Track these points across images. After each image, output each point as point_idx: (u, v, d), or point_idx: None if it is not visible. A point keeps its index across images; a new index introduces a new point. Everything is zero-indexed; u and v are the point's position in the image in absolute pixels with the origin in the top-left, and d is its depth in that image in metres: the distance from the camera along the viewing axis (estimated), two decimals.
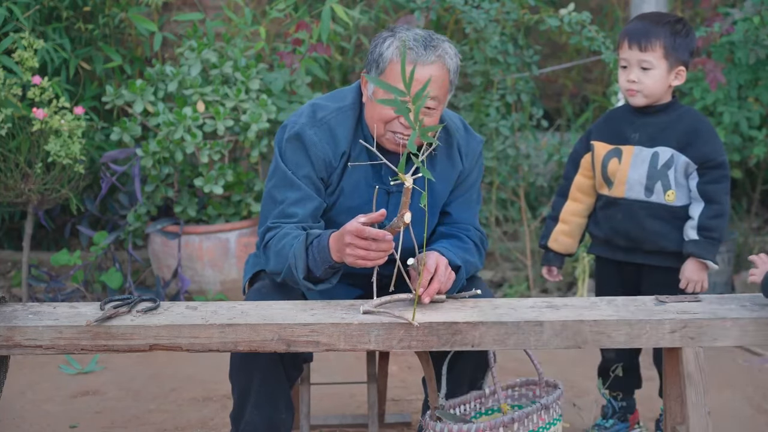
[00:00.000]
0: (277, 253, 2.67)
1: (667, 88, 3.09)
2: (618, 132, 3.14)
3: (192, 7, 5.35)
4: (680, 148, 3.06)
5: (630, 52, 3.05)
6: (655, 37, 3.02)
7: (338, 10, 4.56)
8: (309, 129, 2.73)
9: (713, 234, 3.05)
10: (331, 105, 2.79)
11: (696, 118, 3.12)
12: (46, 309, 2.57)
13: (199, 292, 4.66)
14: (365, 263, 2.52)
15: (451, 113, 2.90)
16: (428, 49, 2.64)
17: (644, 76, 3.05)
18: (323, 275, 2.63)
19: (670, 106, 3.12)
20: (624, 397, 3.27)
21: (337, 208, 2.79)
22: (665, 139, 3.07)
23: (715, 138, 3.10)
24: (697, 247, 3.05)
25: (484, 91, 4.94)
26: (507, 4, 4.72)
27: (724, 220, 3.07)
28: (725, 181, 3.06)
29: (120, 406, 3.69)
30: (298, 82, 4.72)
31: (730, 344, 2.49)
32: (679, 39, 3.04)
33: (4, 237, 5.33)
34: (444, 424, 2.66)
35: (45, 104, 4.37)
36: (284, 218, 2.72)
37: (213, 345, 2.46)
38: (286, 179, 2.73)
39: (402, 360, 4.08)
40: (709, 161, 3.05)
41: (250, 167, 4.84)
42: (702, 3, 5.10)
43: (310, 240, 2.61)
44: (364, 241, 2.49)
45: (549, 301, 2.60)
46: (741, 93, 4.78)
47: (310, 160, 2.73)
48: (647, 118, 3.11)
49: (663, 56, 3.03)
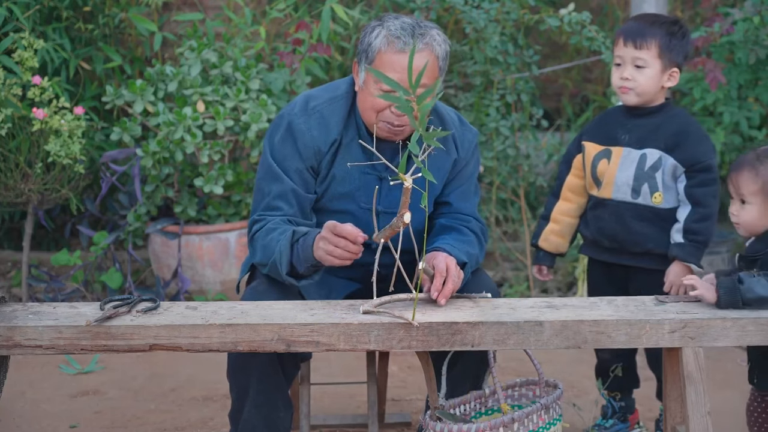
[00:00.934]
0: (264, 246, 2.70)
1: (659, 89, 3.06)
2: (609, 133, 3.13)
3: (192, 7, 5.35)
4: (668, 149, 3.03)
5: (625, 49, 3.03)
6: (651, 35, 3.01)
7: (338, 10, 4.56)
8: (298, 118, 2.77)
9: (698, 237, 3.01)
10: (324, 95, 2.83)
11: (686, 120, 3.09)
12: (46, 309, 2.57)
13: (199, 292, 4.66)
14: (332, 260, 2.55)
15: (446, 107, 2.92)
16: (415, 37, 2.67)
17: (638, 74, 3.02)
18: (305, 272, 2.66)
19: (662, 108, 3.09)
20: (622, 396, 3.27)
21: (329, 194, 2.81)
22: (654, 141, 3.05)
23: (704, 141, 3.06)
24: (681, 251, 3.01)
25: (484, 91, 4.94)
26: (507, 4, 4.72)
27: (710, 224, 3.02)
28: (713, 185, 3.02)
29: (120, 406, 3.69)
30: (298, 82, 4.72)
31: (730, 344, 2.49)
32: (675, 40, 3.02)
33: (4, 237, 5.33)
34: (444, 424, 2.66)
35: (45, 104, 4.37)
36: (269, 211, 2.76)
37: (213, 345, 2.46)
38: (271, 172, 2.77)
39: (402, 360, 4.08)
40: (696, 164, 3.01)
41: (250, 167, 4.84)
42: (702, 3, 5.10)
43: (296, 237, 2.64)
44: (336, 237, 2.52)
45: (549, 301, 2.60)
46: (741, 93, 4.78)
47: (298, 150, 2.76)
48: (638, 120, 3.08)
49: (657, 55, 3.01)
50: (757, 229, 2.65)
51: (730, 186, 2.69)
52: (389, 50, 2.67)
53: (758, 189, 2.62)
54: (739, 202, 2.66)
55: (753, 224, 2.65)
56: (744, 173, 2.64)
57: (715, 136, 4.68)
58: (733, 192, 2.68)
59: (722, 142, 4.69)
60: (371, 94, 2.69)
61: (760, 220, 2.63)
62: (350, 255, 2.54)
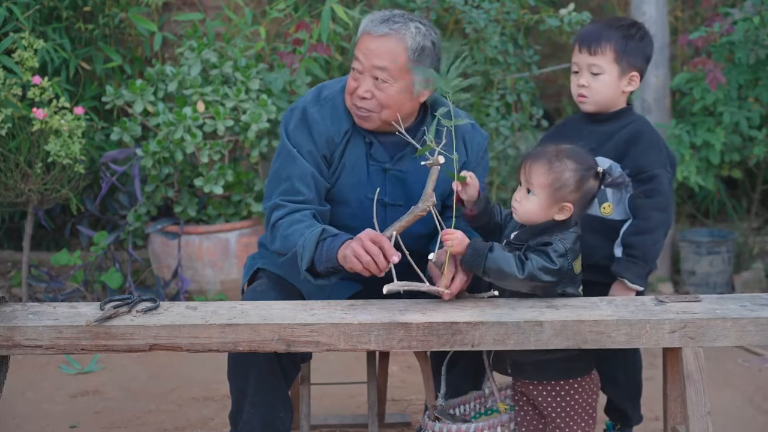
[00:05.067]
0: (285, 236, 2.70)
1: (619, 95, 2.90)
2: (566, 140, 2.89)
3: (192, 7, 5.35)
4: (618, 158, 2.85)
5: (580, 55, 2.89)
6: (606, 40, 2.85)
7: (338, 10, 4.56)
8: (312, 107, 2.81)
9: (634, 252, 2.80)
10: (336, 86, 2.88)
11: (641, 127, 2.90)
12: (46, 309, 2.57)
13: (199, 292, 4.66)
14: (355, 263, 2.54)
15: (459, 110, 2.95)
16: (384, 23, 2.75)
17: (594, 81, 2.87)
18: (323, 272, 2.66)
19: (620, 114, 2.92)
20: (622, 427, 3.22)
21: (339, 183, 2.83)
22: (605, 149, 2.86)
23: (654, 149, 2.85)
24: (618, 266, 2.82)
25: (484, 91, 4.94)
26: (507, 4, 4.72)
27: (649, 237, 2.80)
28: (657, 196, 2.80)
29: (120, 406, 3.69)
30: (298, 82, 4.72)
31: (730, 344, 2.49)
32: (632, 43, 2.86)
33: (4, 237, 5.33)
34: (442, 424, 2.66)
35: (45, 104, 4.37)
36: (290, 195, 2.75)
37: (213, 345, 2.46)
38: (290, 156, 2.78)
39: (402, 360, 4.08)
40: (640, 173, 2.80)
41: (250, 167, 4.84)
42: (702, 3, 5.10)
43: (325, 236, 2.64)
44: (371, 244, 2.53)
45: (549, 301, 2.60)
46: (741, 93, 4.78)
47: (312, 138, 2.79)
48: (594, 126, 2.92)
49: (613, 60, 2.85)
50: (533, 220, 2.61)
51: (522, 172, 2.62)
52: (363, 33, 2.78)
53: (547, 184, 2.57)
54: (525, 190, 2.61)
55: (531, 215, 2.61)
56: (539, 165, 2.59)
57: (715, 136, 4.68)
58: (522, 179, 2.62)
59: (722, 142, 4.70)
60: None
61: (539, 213, 2.59)
62: (374, 267, 2.53)
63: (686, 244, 4.94)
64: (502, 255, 2.52)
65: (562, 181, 2.57)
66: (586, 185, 2.59)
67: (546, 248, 2.54)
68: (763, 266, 4.97)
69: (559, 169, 2.57)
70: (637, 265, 2.80)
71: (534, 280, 2.52)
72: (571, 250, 2.56)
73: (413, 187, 2.79)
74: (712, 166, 4.80)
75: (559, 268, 2.53)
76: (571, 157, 2.60)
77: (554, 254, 2.53)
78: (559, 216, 2.59)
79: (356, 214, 2.82)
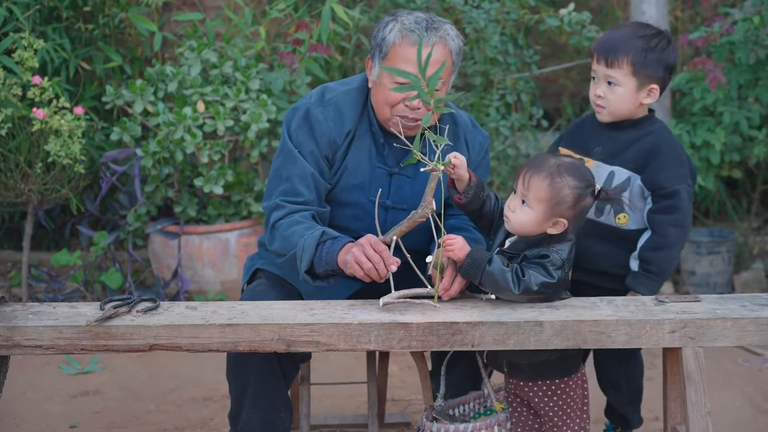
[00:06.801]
0: (285, 237, 2.70)
1: (637, 107, 2.82)
2: (583, 142, 2.91)
3: (192, 7, 5.35)
4: (637, 170, 2.79)
5: (598, 66, 2.81)
6: (624, 53, 2.76)
7: (338, 10, 4.56)
8: (315, 108, 2.80)
9: (651, 267, 2.76)
10: (339, 87, 2.86)
11: (661, 139, 2.82)
12: (46, 309, 2.57)
13: (199, 292, 4.66)
14: (355, 269, 2.55)
15: (460, 110, 2.95)
16: (430, 30, 2.69)
17: (610, 92, 2.80)
18: (322, 274, 2.66)
19: (641, 122, 2.84)
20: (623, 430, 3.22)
21: (341, 185, 2.82)
22: (624, 159, 2.81)
23: (674, 162, 2.79)
24: (633, 281, 2.79)
25: (484, 91, 4.94)
26: (507, 4, 4.72)
27: (666, 254, 2.77)
28: (675, 213, 2.76)
29: (120, 406, 3.69)
30: (298, 82, 4.72)
31: (730, 344, 2.49)
32: (652, 55, 2.77)
33: (4, 237, 5.33)
34: (440, 424, 2.66)
35: (45, 104, 4.37)
36: (291, 196, 2.75)
37: (213, 345, 2.46)
38: (291, 156, 2.77)
39: (402, 360, 4.08)
40: (660, 189, 2.77)
41: (250, 167, 4.84)
42: (702, 3, 5.10)
43: (325, 238, 2.64)
44: (372, 251, 2.53)
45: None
46: (741, 93, 4.78)
47: (314, 138, 2.78)
48: (613, 132, 2.85)
49: (631, 73, 2.77)
50: (526, 231, 2.58)
51: (520, 181, 2.57)
52: (403, 43, 2.69)
53: (545, 199, 2.53)
54: (520, 200, 2.57)
55: (525, 227, 2.57)
56: (538, 179, 2.54)
57: (715, 136, 4.68)
58: (519, 188, 2.58)
59: (722, 142, 4.70)
60: (386, 88, 2.71)
61: (532, 226, 2.55)
62: (375, 274, 2.54)
63: (686, 244, 4.93)
64: (499, 269, 2.50)
65: (560, 198, 2.53)
66: (583, 202, 2.57)
67: (543, 261, 2.52)
68: (763, 266, 4.97)
69: (559, 185, 2.53)
70: (652, 280, 2.78)
71: (530, 293, 2.51)
72: (567, 260, 2.55)
73: (417, 190, 2.78)
74: (712, 166, 4.80)
75: (557, 280, 2.53)
76: (572, 173, 2.56)
77: (552, 267, 2.51)
78: (552, 230, 2.56)
79: (357, 216, 2.82)
